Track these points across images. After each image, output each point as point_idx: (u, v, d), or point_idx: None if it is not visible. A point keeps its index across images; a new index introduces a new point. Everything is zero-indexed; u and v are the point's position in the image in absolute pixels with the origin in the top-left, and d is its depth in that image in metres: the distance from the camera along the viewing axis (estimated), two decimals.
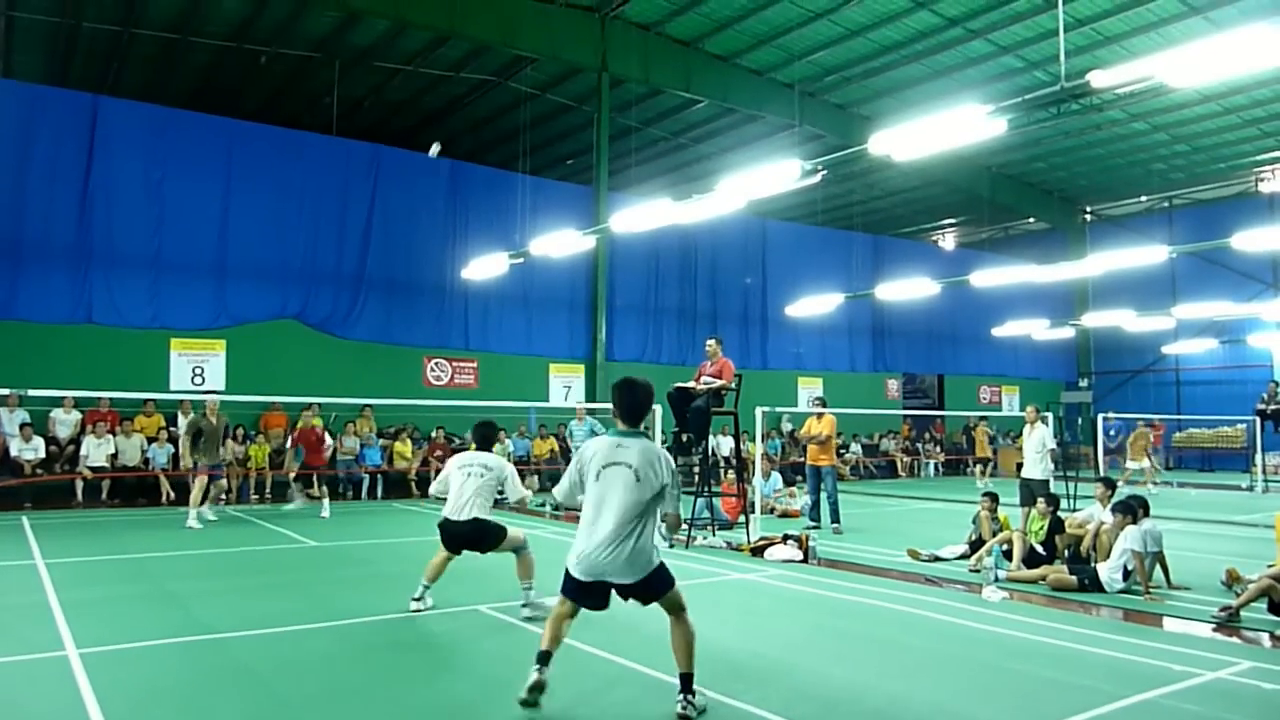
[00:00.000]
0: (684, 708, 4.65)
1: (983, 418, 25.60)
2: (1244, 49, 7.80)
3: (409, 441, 18.26)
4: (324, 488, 14.81)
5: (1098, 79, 9.84)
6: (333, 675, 5.48)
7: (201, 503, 12.68)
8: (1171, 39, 17.80)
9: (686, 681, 4.73)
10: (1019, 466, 12.82)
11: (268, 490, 16.68)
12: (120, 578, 8.62)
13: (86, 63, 20.20)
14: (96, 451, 15.23)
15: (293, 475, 15.09)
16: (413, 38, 19.38)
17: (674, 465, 4.93)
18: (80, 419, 15.84)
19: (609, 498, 4.77)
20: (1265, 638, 6.76)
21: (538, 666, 4.75)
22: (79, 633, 6.25)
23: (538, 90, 21.94)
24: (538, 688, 4.70)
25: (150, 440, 15.94)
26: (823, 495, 13.23)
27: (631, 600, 4.86)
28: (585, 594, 4.84)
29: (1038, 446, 11.89)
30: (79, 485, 15.07)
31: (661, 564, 4.86)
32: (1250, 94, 21.60)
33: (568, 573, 4.87)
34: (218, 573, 9.09)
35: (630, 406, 5.01)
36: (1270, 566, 7.67)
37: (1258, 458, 21.96)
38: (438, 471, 8.13)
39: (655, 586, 4.82)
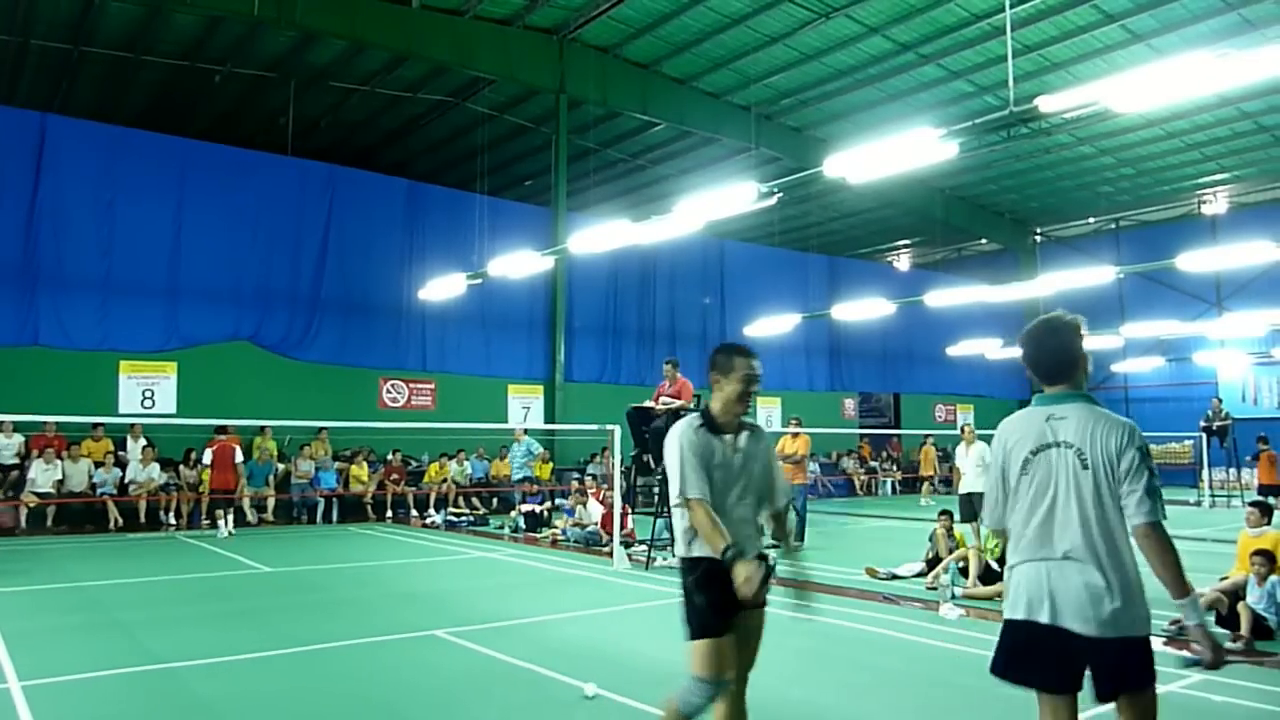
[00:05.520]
0: None
1: (928, 436, 25.83)
2: (1185, 75, 8.02)
3: (365, 464, 18.02)
4: (228, 512, 14.81)
5: (1045, 104, 10.04)
6: (289, 706, 5.37)
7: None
8: (1116, 65, 18.25)
9: None
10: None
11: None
12: (66, 607, 8.38)
13: (35, 80, 19.82)
14: (42, 477, 14.83)
15: (220, 517, 14.81)
16: (370, 57, 19.29)
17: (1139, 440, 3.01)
18: (24, 443, 15.43)
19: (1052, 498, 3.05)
20: None
21: None
22: (21, 664, 6.06)
23: (496, 111, 21.94)
24: None
25: (98, 465, 15.56)
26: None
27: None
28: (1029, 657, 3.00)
29: (978, 461, 12.05)
30: (23, 512, 14.66)
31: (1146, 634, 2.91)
32: (1192, 119, 22.19)
33: (1009, 628, 3.03)
34: (168, 601, 8.88)
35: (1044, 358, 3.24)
36: (1221, 580, 7.82)
37: (1205, 473, 22.45)
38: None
39: (1133, 669, 2.89)
